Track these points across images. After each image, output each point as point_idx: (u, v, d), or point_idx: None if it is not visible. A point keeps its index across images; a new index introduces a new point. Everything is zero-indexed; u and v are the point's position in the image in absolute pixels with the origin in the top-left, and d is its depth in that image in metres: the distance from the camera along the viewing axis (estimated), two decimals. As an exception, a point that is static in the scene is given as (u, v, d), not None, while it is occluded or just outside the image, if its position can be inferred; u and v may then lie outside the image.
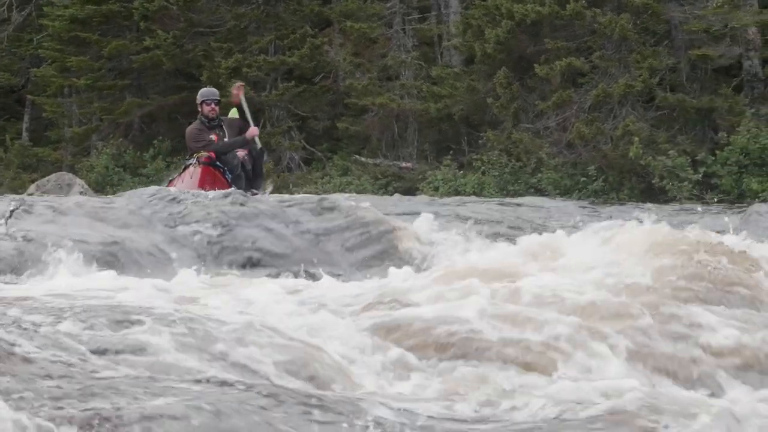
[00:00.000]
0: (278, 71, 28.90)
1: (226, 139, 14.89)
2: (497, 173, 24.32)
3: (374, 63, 28.15)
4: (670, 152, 22.37)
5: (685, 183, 22.11)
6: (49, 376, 3.71)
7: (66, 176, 22.30)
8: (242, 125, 15.17)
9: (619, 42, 23.92)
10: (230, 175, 14.58)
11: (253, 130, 15.06)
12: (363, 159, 27.45)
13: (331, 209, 8.85)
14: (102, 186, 28.23)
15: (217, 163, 14.61)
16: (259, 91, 27.91)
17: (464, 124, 26.61)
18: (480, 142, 25.52)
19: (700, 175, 22.40)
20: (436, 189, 24.54)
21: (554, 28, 24.33)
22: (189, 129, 15.23)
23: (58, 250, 7.22)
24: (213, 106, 15.04)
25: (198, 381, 3.87)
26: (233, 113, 16.10)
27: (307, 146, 29.40)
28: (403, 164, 27.07)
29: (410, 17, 29.32)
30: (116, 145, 31.31)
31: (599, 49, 24.12)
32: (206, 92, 15.47)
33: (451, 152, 26.07)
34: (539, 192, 23.15)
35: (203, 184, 13.84)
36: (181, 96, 31.07)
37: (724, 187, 22.22)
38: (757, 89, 24.25)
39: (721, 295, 5.70)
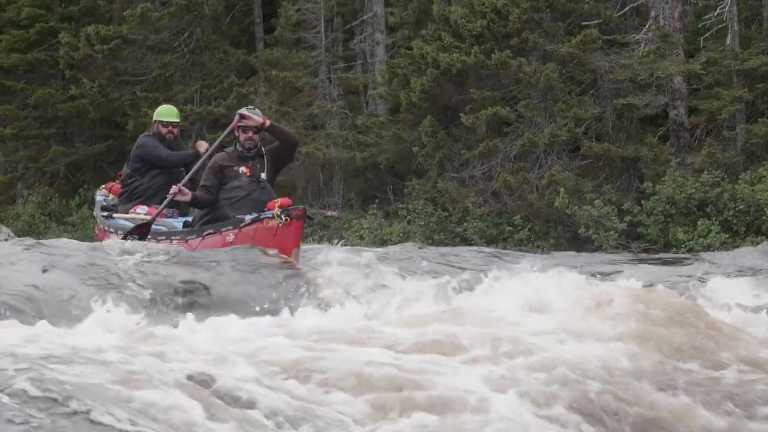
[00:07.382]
0: (204, 120, 28.61)
1: (264, 175, 10.75)
2: (423, 222, 24.10)
3: (300, 112, 27.91)
4: (596, 201, 22.31)
5: (611, 232, 22.03)
6: None
7: (-9, 224, 22.10)
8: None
9: (545, 91, 23.88)
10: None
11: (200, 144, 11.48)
12: (288, 207, 27.10)
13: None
14: (28, 234, 28.12)
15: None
16: (185, 140, 27.60)
17: (390, 172, 26.44)
18: (405, 191, 25.33)
19: (626, 225, 22.33)
20: (362, 238, 24.29)
21: (480, 78, 24.22)
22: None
23: None
24: (250, 134, 10.65)
25: None
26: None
27: (233, 195, 29.07)
28: (329, 213, 26.83)
29: (336, 66, 29.24)
30: (42, 193, 31.55)
31: (525, 98, 24.04)
32: (244, 112, 10.70)
33: (376, 201, 25.88)
34: (465, 241, 22.93)
35: (298, 243, 10.13)
36: (106, 144, 31.09)
37: (650, 237, 22.19)
38: (682, 138, 24.25)
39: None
